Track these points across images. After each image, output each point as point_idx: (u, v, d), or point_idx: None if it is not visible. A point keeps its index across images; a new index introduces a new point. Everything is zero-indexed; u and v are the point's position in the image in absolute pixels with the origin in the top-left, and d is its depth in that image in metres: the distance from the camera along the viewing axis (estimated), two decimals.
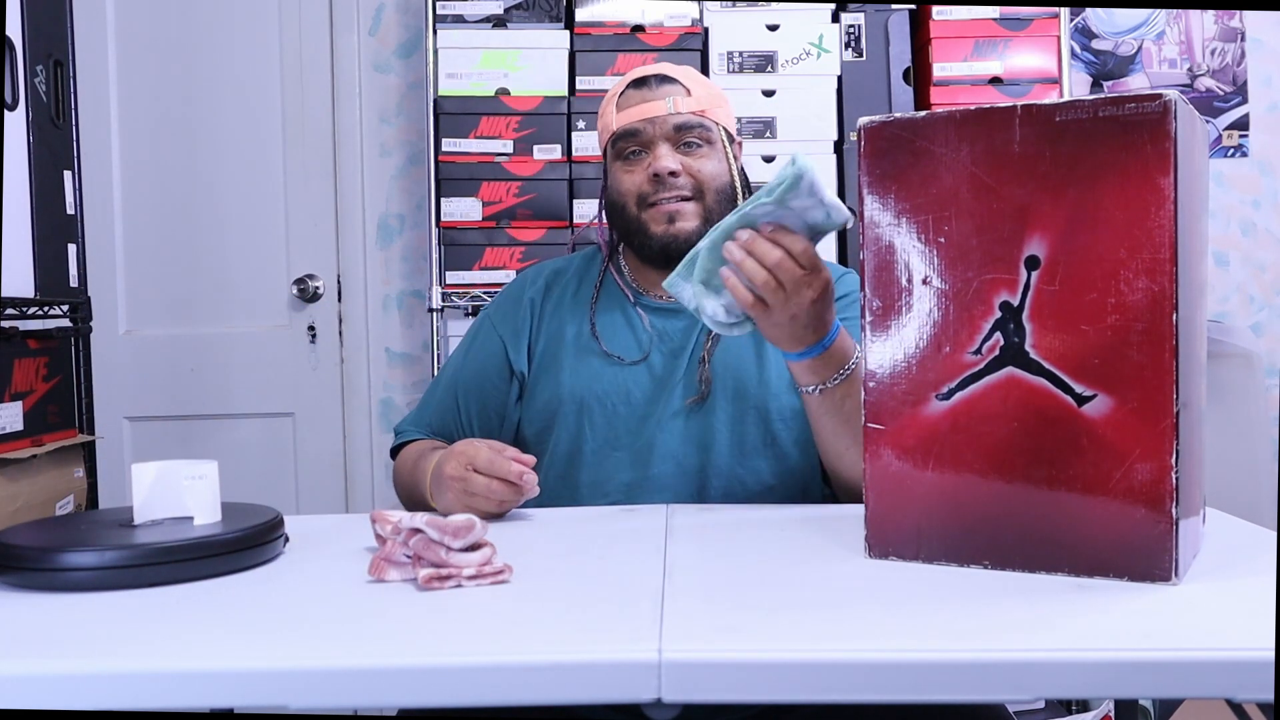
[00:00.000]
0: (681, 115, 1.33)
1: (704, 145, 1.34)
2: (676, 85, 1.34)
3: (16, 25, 1.40)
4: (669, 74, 1.35)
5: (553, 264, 1.48)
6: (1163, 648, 0.70)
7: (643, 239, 1.34)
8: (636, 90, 1.35)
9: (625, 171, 1.35)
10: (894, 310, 0.91)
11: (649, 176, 1.32)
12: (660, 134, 1.33)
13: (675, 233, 1.32)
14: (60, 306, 1.57)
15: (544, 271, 1.46)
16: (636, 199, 1.33)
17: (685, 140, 1.33)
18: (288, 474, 2.61)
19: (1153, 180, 0.80)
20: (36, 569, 0.90)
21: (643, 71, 1.37)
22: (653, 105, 1.33)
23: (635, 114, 1.33)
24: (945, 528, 0.90)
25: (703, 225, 1.31)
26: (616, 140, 1.35)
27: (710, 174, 1.33)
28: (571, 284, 1.43)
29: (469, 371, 1.42)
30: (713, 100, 1.36)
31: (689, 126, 1.33)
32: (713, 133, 1.35)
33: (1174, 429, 0.80)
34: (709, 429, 1.30)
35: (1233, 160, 2.66)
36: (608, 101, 1.38)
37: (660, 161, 1.31)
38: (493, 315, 1.44)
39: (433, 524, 0.89)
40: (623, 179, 1.35)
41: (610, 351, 1.34)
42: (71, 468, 1.50)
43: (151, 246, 2.58)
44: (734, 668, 0.69)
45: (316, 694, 0.69)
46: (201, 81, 2.57)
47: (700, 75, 1.40)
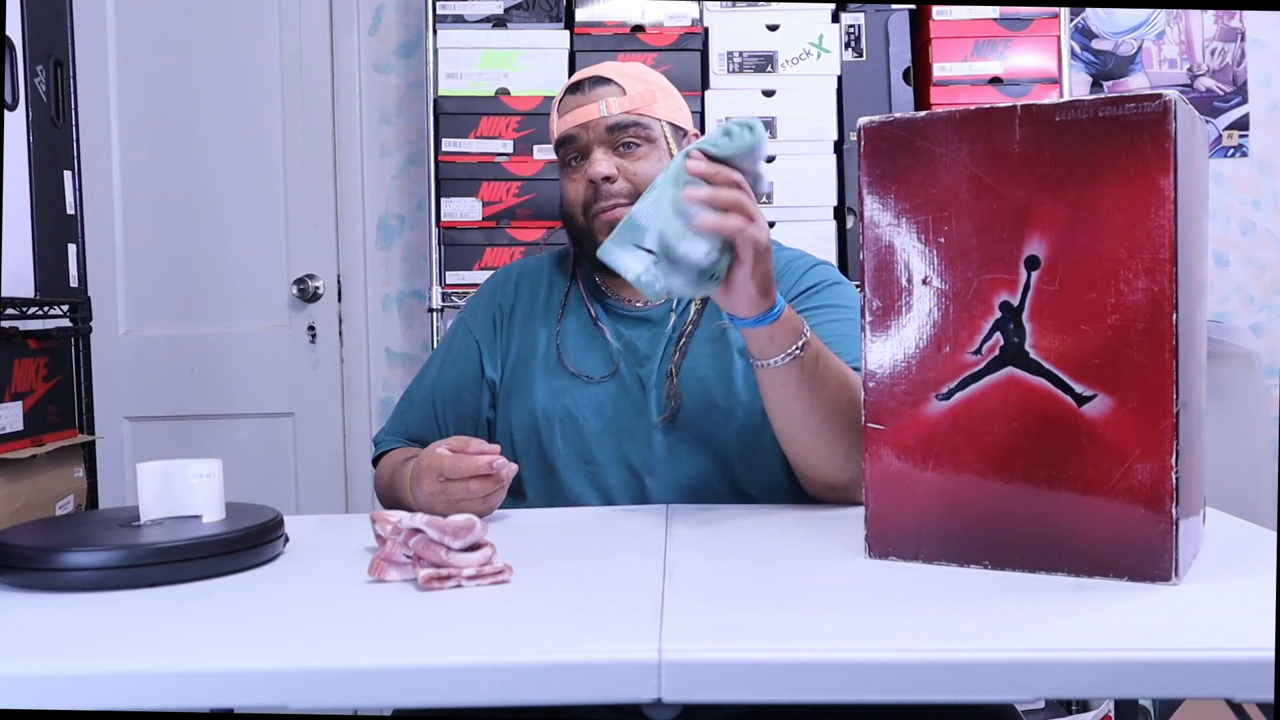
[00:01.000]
0: (614, 116, 1.29)
1: (643, 144, 1.30)
2: (610, 85, 1.31)
3: (16, 25, 1.40)
4: (605, 74, 1.32)
5: (522, 265, 1.46)
6: (1163, 648, 0.70)
7: (589, 247, 1.30)
8: (572, 95, 1.32)
9: (569, 180, 1.33)
10: (894, 310, 0.91)
11: (586, 183, 1.30)
12: (595, 138, 1.30)
13: None
14: (60, 306, 1.57)
15: (513, 274, 1.43)
16: (582, 208, 1.31)
17: (622, 141, 1.30)
18: (288, 474, 2.61)
19: (1153, 180, 0.80)
20: (36, 569, 0.90)
21: (580, 75, 1.35)
22: (586, 109, 1.30)
23: (570, 120, 1.31)
24: (945, 528, 0.90)
25: None
26: (558, 148, 1.34)
27: (648, 174, 1.28)
28: (542, 289, 1.40)
29: (446, 378, 1.40)
30: (648, 96, 1.32)
31: (623, 126, 1.29)
32: (652, 130, 1.31)
33: (1174, 429, 0.80)
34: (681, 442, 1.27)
35: (1233, 160, 2.66)
36: (552, 109, 1.36)
37: (593, 167, 1.29)
38: (467, 320, 1.42)
39: (433, 524, 0.89)
40: (567, 189, 1.33)
41: (577, 370, 1.32)
42: (71, 468, 1.50)
43: (151, 246, 2.58)
44: (734, 668, 0.69)
45: (316, 694, 0.69)
46: (201, 81, 2.57)
47: (642, 71, 1.36)
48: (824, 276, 1.34)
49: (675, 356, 1.30)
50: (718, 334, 1.31)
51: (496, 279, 1.45)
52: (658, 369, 1.31)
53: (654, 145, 1.31)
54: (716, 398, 1.28)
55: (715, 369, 1.29)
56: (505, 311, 1.40)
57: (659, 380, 1.30)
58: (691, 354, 1.30)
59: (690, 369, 1.29)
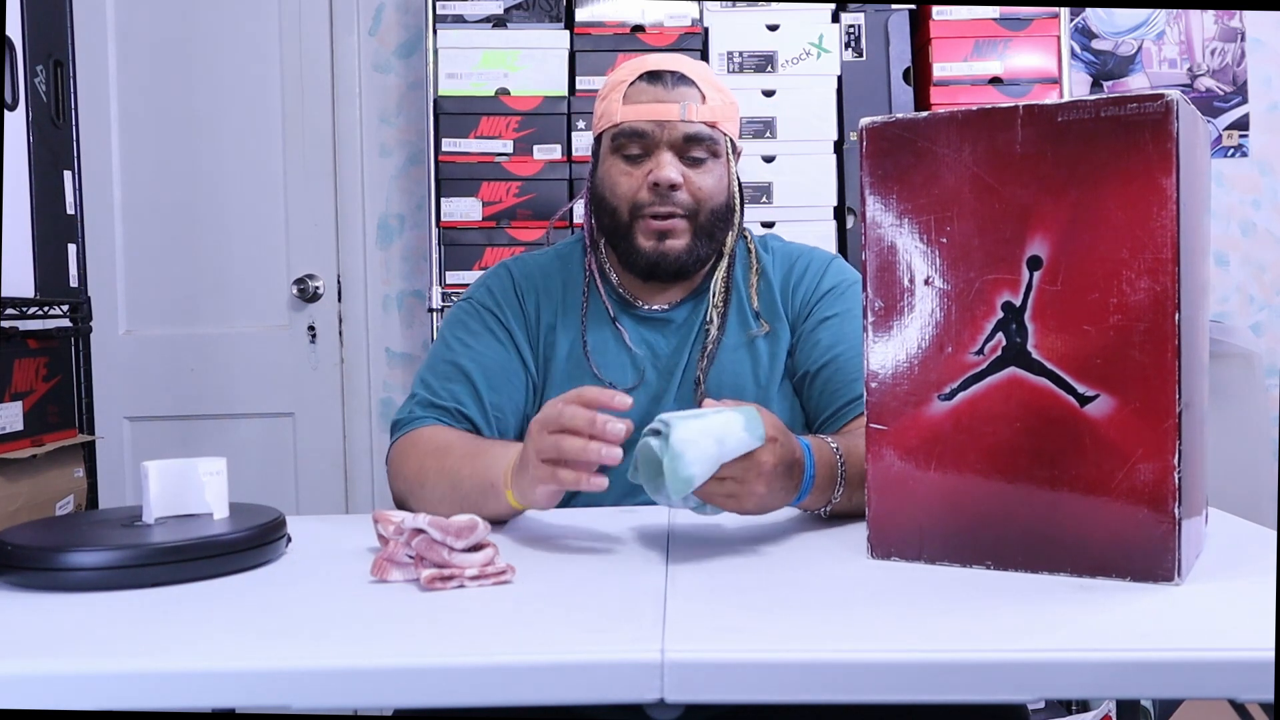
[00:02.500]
0: (694, 125, 1.24)
1: (709, 159, 1.27)
2: (693, 88, 1.26)
3: (16, 25, 1.39)
4: (687, 73, 1.26)
5: (533, 261, 1.37)
6: (1164, 648, 0.70)
7: (629, 248, 1.28)
8: (650, 85, 1.25)
9: (623, 173, 1.27)
10: (896, 311, 0.91)
11: (648, 184, 1.25)
12: (668, 141, 1.25)
13: (665, 251, 1.26)
14: (60, 306, 1.57)
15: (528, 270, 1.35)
16: (630, 206, 1.26)
17: (691, 152, 1.25)
18: (288, 474, 2.61)
19: (1155, 180, 0.80)
20: (37, 569, 0.90)
21: (658, 64, 1.27)
22: (666, 108, 1.24)
23: (645, 112, 1.24)
24: (947, 528, 0.90)
25: (693, 243, 1.26)
26: (618, 135, 1.26)
27: (710, 192, 1.27)
28: (556, 289, 1.33)
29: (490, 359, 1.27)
30: (726, 110, 1.28)
31: (699, 139, 1.25)
32: (720, 145, 1.27)
33: (1176, 429, 0.80)
34: None
35: (1233, 160, 2.66)
36: (612, 87, 1.28)
37: (663, 171, 1.24)
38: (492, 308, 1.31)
39: (435, 524, 0.89)
40: (619, 180, 1.27)
41: (602, 377, 1.27)
42: (71, 468, 1.50)
43: (151, 246, 2.58)
44: (737, 668, 0.69)
45: (318, 694, 0.69)
46: (201, 81, 2.57)
47: (716, 78, 1.31)
48: (842, 277, 1.33)
49: (703, 364, 1.27)
50: (745, 340, 1.30)
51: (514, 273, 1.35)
52: (682, 375, 1.29)
53: (719, 160, 1.28)
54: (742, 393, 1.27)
55: (741, 375, 1.28)
56: (532, 312, 1.32)
57: (684, 388, 1.29)
58: (719, 361, 1.28)
59: (716, 376, 1.28)
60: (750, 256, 1.35)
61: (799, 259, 1.35)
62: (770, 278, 1.34)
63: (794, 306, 1.32)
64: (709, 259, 1.32)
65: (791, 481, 1.00)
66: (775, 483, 0.97)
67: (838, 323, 1.28)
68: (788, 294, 1.33)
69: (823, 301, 1.30)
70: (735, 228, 1.33)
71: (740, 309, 1.32)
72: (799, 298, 1.32)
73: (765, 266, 1.34)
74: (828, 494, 1.05)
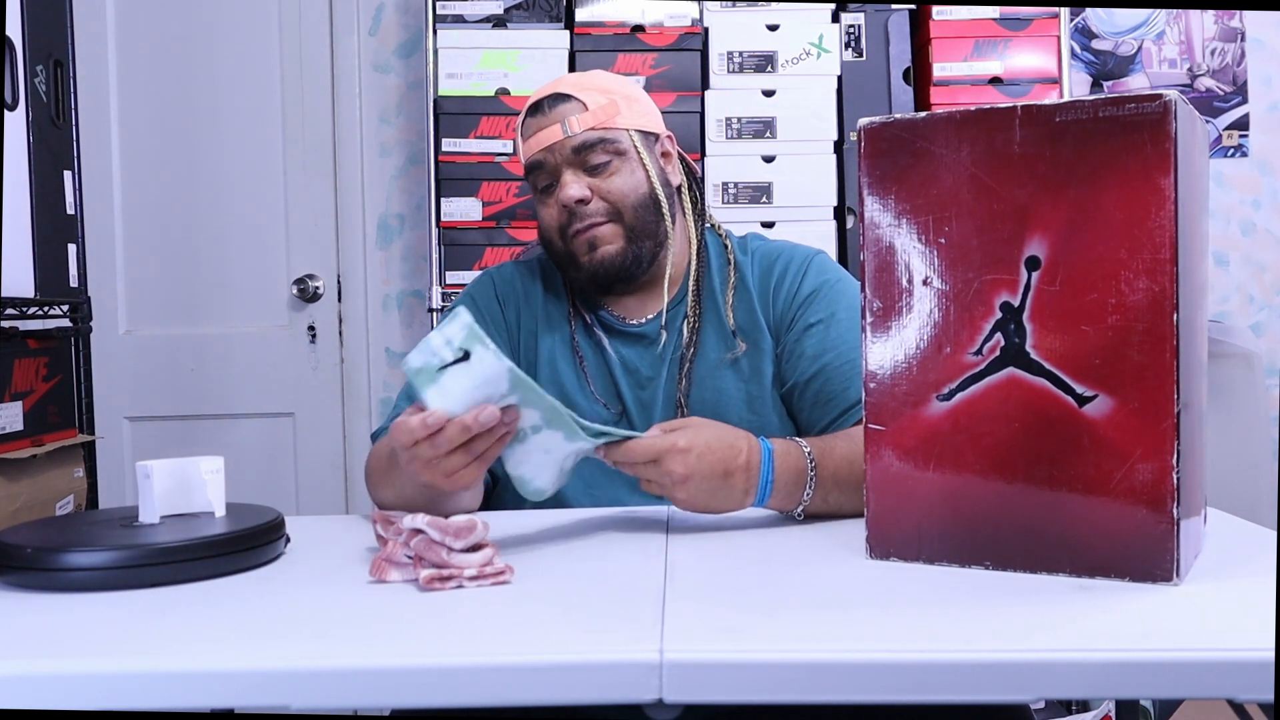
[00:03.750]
0: (578, 136, 1.25)
1: (612, 159, 1.26)
2: (571, 102, 1.26)
3: (16, 25, 1.40)
4: (564, 91, 1.28)
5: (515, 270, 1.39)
6: (1163, 648, 0.70)
7: (573, 270, 1.29)
8: (533, 118, 1.29)
9: (544, 206, 1.29)
10: (895, 311, 0.91)
11: (561, 208, 1.27)
12: (562, 160, 1.26)
13: (600, 259, 1.27)
14: (60, 306, 1.57)
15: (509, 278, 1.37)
16: (558, 232, 1.28)
17: (590, 161, 1.26)
18: (288, 474, 2.61)
19: (1153, 180, 0.80)
20: (36, 569, 0.90)
21: (538, 95, 1.30)
22: (549, 132, 1.26)
23: (534, 144, 1.28)
24: (946, 528, 0.90)
25: (626, 244, 1.27)
26: (528, 173, 1.30)
27: (622, 191, 1.26)
28: (537, 303, 1.35)
29: None
30: (611, 108, 1.27)
31: (589, 145, 1.26)
32: (620, 142, 1.27)
33: (1175, 429, 0.80)
34: None
35: (1233, 160, 2.66)
36: (516, 134, 1.32)
37: (565, 191, 1.25)
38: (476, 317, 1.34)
39: (434, 524, 0.89)
40: (543, 214, 1.30)
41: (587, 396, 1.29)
42: (71, 468, 1.49)
43: (151, 246, 2.58)
44: (735, 668, 0.69)
45: (317, 694, 0.69)
46: (201, 81, 2.57)
47: (602, 80, 1.31)
48: (823, 277, 1.30)
49: (682, 384, 1.27)
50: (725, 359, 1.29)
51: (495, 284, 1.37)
52: (661, 394, 1.29)
53: (624, 158, 1.28)
54: (723, 409, 1.25)
55: (725, 394, 1.27)
56: (509, 318, 1.35)
57: (667, 408, 1.28)
58: (700, 381, 1.28)
59: (699, 396, 1.27)
60: (729, 267, 1.33)
61: (778, 260, 1.33)
62: (749, 285, 1.31)
63: (775, 313, 1.30)
64: (652, 256, 1.30)
65: (735, 485, 1.04)
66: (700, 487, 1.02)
67: (822, 330, 1.26)
68: (767, 300, 1.31)
69: (805, 307, 1.28)
70: (671, 216, 1.30)
71: (719, 325, 1.30)
72: (779, 304, 1.30)
73: (744, 274, 1.32)
74: (796, 496, 1.07)
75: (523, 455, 1.00)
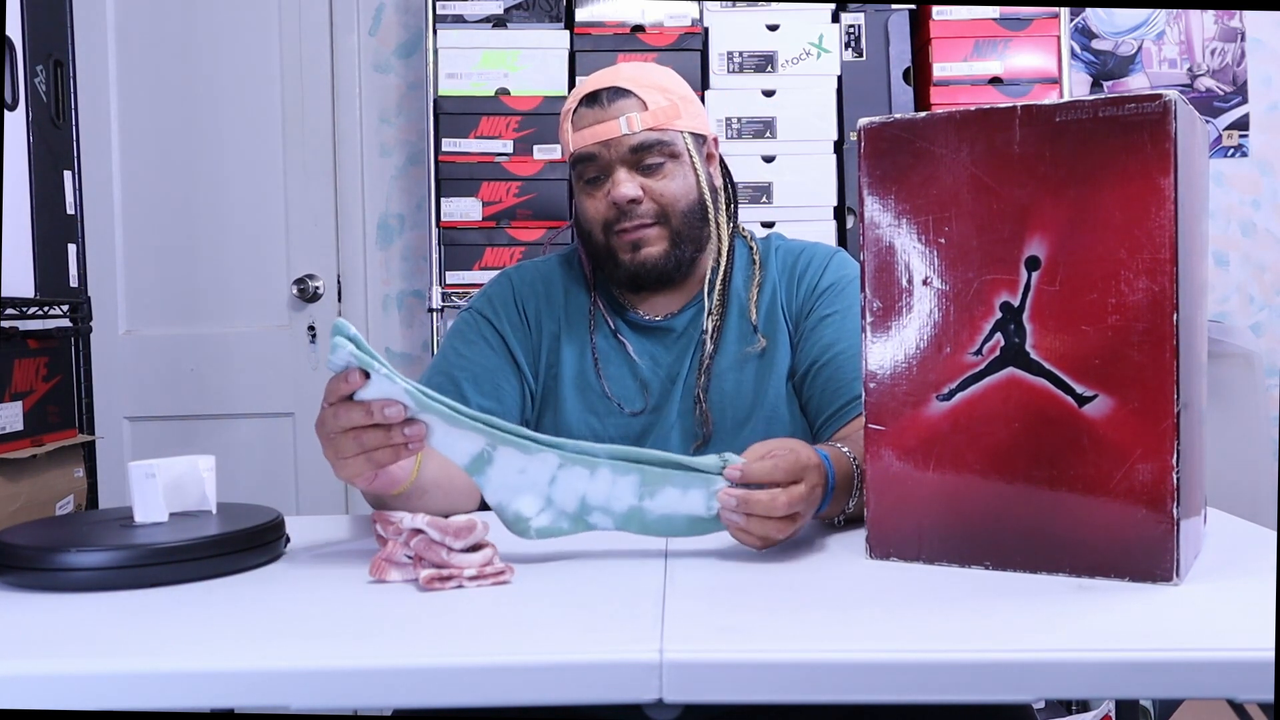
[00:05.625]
0: (637, 135, 1.24)
1: (667, 162, 1.26)
2: (630, 99, 1.25)
3: (16, 25, 1.40)
4: (623, 85, 1.26)
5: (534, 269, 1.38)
6: (1163, 648, 0.70)
7: (612, 266, 1.29)
8: (589, 109, 1.26)
9: (589, 198, 1.28)
10: (895, 311, 0.91)
11: (609, 204, 1.25)
12: (617, 158, 1.25)
13: (642, 259, 1.26)
14: (60, 306, 1.57)
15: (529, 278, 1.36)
16: (602, 226, 1.27)
17: (645, 162, 1.25)
18: (288, 474, 2.61)
19: (1153, 180, 0.80)
20: (36, 569, 0.90)
21: (595, 85, 1.28)
22: (606, 126, 1.24)
23: (589, 136, 1.25)
24: (946, 528, 0.90)
25: (669, 248, 1.27)
26: (576, 163, 1.28)
27: (674, 194, 1.26)
28: (558, 299, 1.34)
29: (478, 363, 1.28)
30: (671, 110, 1.27)
31: (646, 146, 1.25)
32: (675, 145, 1.27)
33: (1175, 429, 0.80)
34: None
35: (1233, 160, 2.66)
36: (564, 117, 1.30)
37: (619, 189, 1.24)
38: (488, 315, 1.33)
39: (434, 524, 0.89)
40: (586, 205, 1.28)
41: (611, 396, 1.28)
42: (71, 468, 1.50)
43: (151, 246, 2.58)
44: (735, 668, 0.69)
45: (317, 694, 0.69)
46: (201, 81, 2.57)
47: (660, 78, 1.30)
48: (843, 272, 1.31)
49: (702, 380, 1.27)
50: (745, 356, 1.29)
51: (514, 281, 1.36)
52: (680, 388, 1.29)
53: (678, 161, 1.27)
54: (745, 412, 1.26)
55: (744, 392, 1.28)
56: (535, 321, 1.33)
57: (685, 402, 1.28)
58: (719, 377, 1.28)
59: (718, 392, 1.27)
60: (753, 266, 1.34)
61: (801, 255, 1.35)
62: (774, 282, 1.33)
63: (795, 304, 1.31)
64: (692, 259, 1.31)
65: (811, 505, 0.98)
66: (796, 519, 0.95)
67: (838, 320, 1.27)
68: (792, 293, 1.32)
69: (823, 298, 1.29)
70: (716, 222, 1.31)
71: (742, 321, 1.31)
72: (800, 295, 1.31)
73: (769, 271, 1.34)
74: (842, 502, 1.05)
75: (497, 483, 0.97)
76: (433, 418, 0.95)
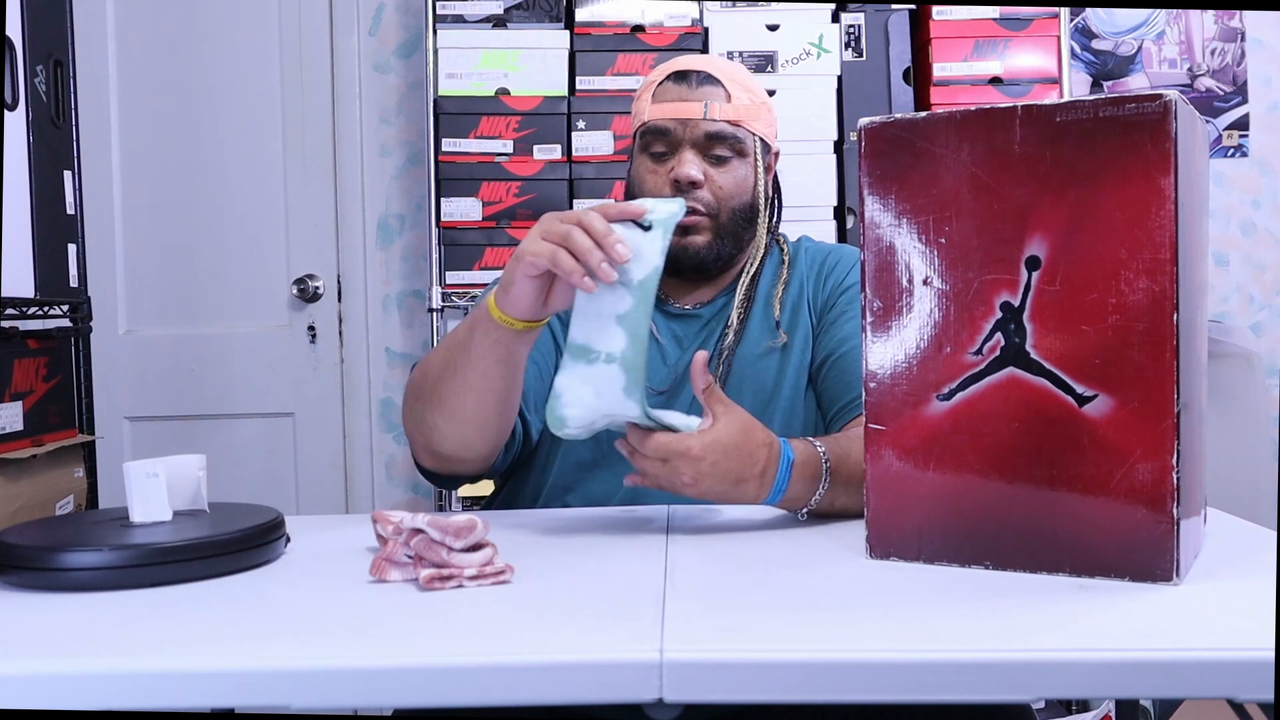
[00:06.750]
0: (716, 123, 1.26)
1: (734, 157, 1.28)
2: (718, 87, 1.28)
3: (16, 25, 1.39)
4: (713, 73, 1.29)
5: None
6: (1163, 648, 0.70)
7: None
8: (675, 85, 1.28)
9: (649, 170, 1.29)
10: (895, 311, 0.91)
11: (670, 181, 1.27)
12: (689, 138, 1.27)
13: (686, 245, 1.27)
14: (60, 306, 1.57)
15: None
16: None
17: (714, 151, 1.27)
18: (288, 474, 2.61)
19: (1153, 180, 0.80)
20: (36, 569, 0.90)
21: (686, 65, 1.30)
22: (688, 106, 1.27)
23: (668, 111, 1.27)
24: (946, 528, 0.90)
25: (714, 240, 1.28)
26: (644, 134, 1.29)
27: (732, 190, 1.28)
28: None
29: None
30: (753, 110, 1.30)
31: (721, 137, 1.27)
32: (745, 145, 1.29)
33: (1175, 429, 0.80)
34: None
35: (1233, 160, 2.66)
36: (645, 88, 1.32)
37: (684, 168, 1.25)
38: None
39: (434, 524, 0.89)
40: (645, 178, 1.29)
41: None
42: (71, 468, 1.49)
43: (151, 246, 2.59)
44: (736, 668, 0.69)
45: (317, 694, 0.69)
46: (201, 81, 2.57)
47: (749, 79, 1.33)
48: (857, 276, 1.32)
49: (721, 369, 1.28)
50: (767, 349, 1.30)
51: None
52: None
53: (744, 160, 1.29)
54: (762, 404, 1.27)
55: (763, 385, 1.29)
56: None
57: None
58: (739, 368, 1.29)
59: (737, 383, 1.28)
60: (782, 266, 1.36)
61: (829, 256, 1.37)
62: (802, 279, 1.35)
63: (821, 298, 1.33)
64: (731, 257, 1.32)
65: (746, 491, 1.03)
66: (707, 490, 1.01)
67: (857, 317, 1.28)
68: (819, 289, 1.34)
69: (845, 295, 1.31)
70: (763, 229, 1.33)
71: (766, 317, 1.32)
72: (826, 290, 1.33)
73: (797, 270, 1.35)
74: (805, 499, 1.07)
75: (578, 377, 1.00)
76: (636, 298, 0.98)
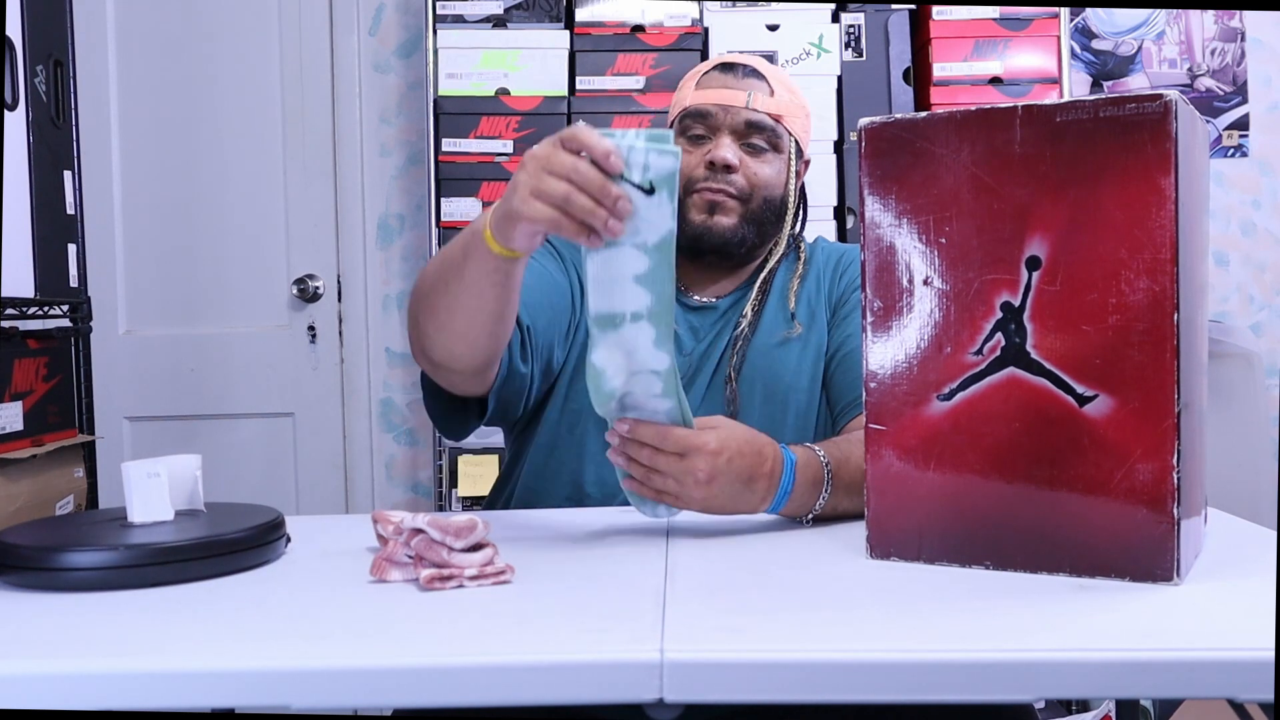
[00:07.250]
0: (757, 114, 1.29)
1: (769, 150, 1.30)
2: (762, 81, 1.31)
3: (16, 25, 1.39)
4: (760, 69, 1.32)
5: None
6: (1164, 648, 0.70)
7: (681, 221, 1.27)
8: (721, 74, 1.31)
9: (685, 152, 1.30)
10: (895, 311, 0.91)
11: (705, 162, 1.28)
12: (729, 124, 1.29)
13: (712, 224, 1.28)
14: (60, 306, 1.57)
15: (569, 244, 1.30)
16: (687, 181, 1.29)
17: (752, 140, 1.29)
18: (288, 474, 2.61)
19: (1153, 180, 0.80)
20: (36, 569, 0.90)
21: (734, 58, 1.34)
22: (732, 94, 1.29)
23: (712, 96, 1.30)
24: (947, 528, 0.90)
25: (740, 225, 1.29)
26: (685, 117, 1.32)
27: (765, 181, 1.30)
28: None
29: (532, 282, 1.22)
30: (793, 109, 1.32)
31: (761, 127, 1.29)
32: (782, 140, 1.31)
33: (1175, 429, 0.80)
34: None
35: (1233, 160, 2.66)
36: (689, 77, 1.35)
37: (720, 151, 1.27)
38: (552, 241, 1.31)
39: (434, 524, 0.89)
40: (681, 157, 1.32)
41: None
42: (71, 468, 1.49)
43: (151, 246, 2.58)
44: (736, 668, 0.69)
45: (317, 694, 0.69)
46: (201, 81, 2.57)
47: (791, 81, 1.35)
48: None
49: (734, 360, 1.29)
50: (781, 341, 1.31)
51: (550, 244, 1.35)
52: (716, 366, 1.30)
53: (778, 155, 1.31)
54: (774, 395, 1.28)
55: (777, 377, 1.29)
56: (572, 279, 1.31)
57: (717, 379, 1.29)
58: (753, 360, 1.29)
59: (750, 375, 1.29)
60: (799, 263, 1.37)
61: (844, 255, 1.39)
62: (818, 274, 1.36)
63: (836, 293, 1.35)
64: (753, 247, 1.33)
65: (756, 491, 1.03)
66: (722, 490, 1.01)
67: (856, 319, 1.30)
68: (834, 284, 1.35)
69: (857, 294, 1.32)
70: (786, 230, 1.35)
71: (782, 309, 1.33)
72: (841, 286, 1.35)
73: (813, 266, 1.37)
74: (809, 504, 1.07)
75: (611, 344, 0.98)
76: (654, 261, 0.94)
